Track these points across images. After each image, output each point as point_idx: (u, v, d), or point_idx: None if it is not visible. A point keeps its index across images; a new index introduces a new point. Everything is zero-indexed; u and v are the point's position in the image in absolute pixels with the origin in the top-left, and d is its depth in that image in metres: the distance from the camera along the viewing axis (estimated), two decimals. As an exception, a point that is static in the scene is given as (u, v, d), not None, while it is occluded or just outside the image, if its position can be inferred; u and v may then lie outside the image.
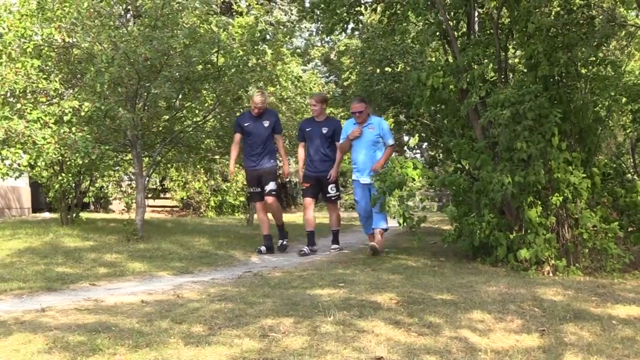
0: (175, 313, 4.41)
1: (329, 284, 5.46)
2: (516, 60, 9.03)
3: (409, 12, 8.04)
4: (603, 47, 7.51)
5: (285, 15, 21.90)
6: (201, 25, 8.94)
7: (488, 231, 6.73)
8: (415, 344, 3.85)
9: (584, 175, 6.56)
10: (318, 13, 9.19)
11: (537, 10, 6.77)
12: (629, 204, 7.03)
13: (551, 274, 6.37)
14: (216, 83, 9.25)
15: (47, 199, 10.66)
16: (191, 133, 10.28)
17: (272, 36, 10.48)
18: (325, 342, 3.81)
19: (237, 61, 9.09)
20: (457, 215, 7.27)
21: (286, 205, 24.26)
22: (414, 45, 10.72)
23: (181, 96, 9.64)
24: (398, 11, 8.80)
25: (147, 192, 12.84)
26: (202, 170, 16.34)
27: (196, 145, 10.74)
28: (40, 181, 10.16)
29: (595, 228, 6.59)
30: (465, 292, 5.05)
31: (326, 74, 24.83)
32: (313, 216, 8.14)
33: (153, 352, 3.60)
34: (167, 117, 9.79)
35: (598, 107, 7.35)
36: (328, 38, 22.21)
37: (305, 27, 23.16)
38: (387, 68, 11.39)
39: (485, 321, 4.35)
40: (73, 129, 7.85)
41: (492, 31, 7.33)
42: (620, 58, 9.04)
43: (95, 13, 8.08)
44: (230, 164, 8.44)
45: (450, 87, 7.24)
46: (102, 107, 8.06)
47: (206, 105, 10.21)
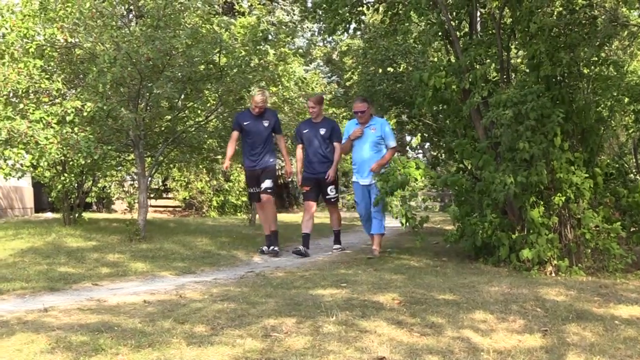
0: (177, 313, 4.42)
1: (332, 284, 5.46)
2: (518, 60, 9.04)
3: (411, 12, 8.02)
4: (605, 47, 7.50)
5: (287, 15, 21.92)
6: (203, 25, 8.95)
7: (490, 231, 6.73)
8: (417, 344, 3.85)
9: (587, 175, 6.56)
10: (320, 13, 9.17)
11: (540, 10, 6.76)
12: (632, 204, 7.02)
13: (553, 274, 6.36)
14: (218, 83, 9.24)
15: (50, 199, 10.65)
16: (193, 133, 10.29)
17: (274, 36, 10.48)
18: (327, 342, 3.81)
19: (240, 61, 9.08)
20: (460, 215, 7.26)
21: (288, 205, 24.29)
22: (416, 45, 10.74)
23: (183, 96, 9.64)
24: (400, 11, 8.79)
25: (150, 192, 12.87)
26: (205, 170, 16.33)
27: (198, 145, 10.74)
28: (42, 181, 10.16)
29: (597, 228, 6.57)
30: (467, 292, 5.06)
31: (328, 74, 24.87)
32: (312, 221, 7.93)
33: (155, 352, 3.61)
34: (170, 117, 9.80)
35: (600, 107, 7.34)
36: (330, 38, 22.20)
37: (307, 27, 23.18)
38: (390, 68, 11.41)
39: (487, 321, 4.35)
40: (75, 129, 7.86)
41: (495, 31, 7.32)
42: (622, 58, 9.02)
43: (97, 13, 8.09)
44: (225, 161, 8.26)
45: (452, 87, 7.24)
46: (105, 107, 8.05)
47: (208, 105, 10.22)
